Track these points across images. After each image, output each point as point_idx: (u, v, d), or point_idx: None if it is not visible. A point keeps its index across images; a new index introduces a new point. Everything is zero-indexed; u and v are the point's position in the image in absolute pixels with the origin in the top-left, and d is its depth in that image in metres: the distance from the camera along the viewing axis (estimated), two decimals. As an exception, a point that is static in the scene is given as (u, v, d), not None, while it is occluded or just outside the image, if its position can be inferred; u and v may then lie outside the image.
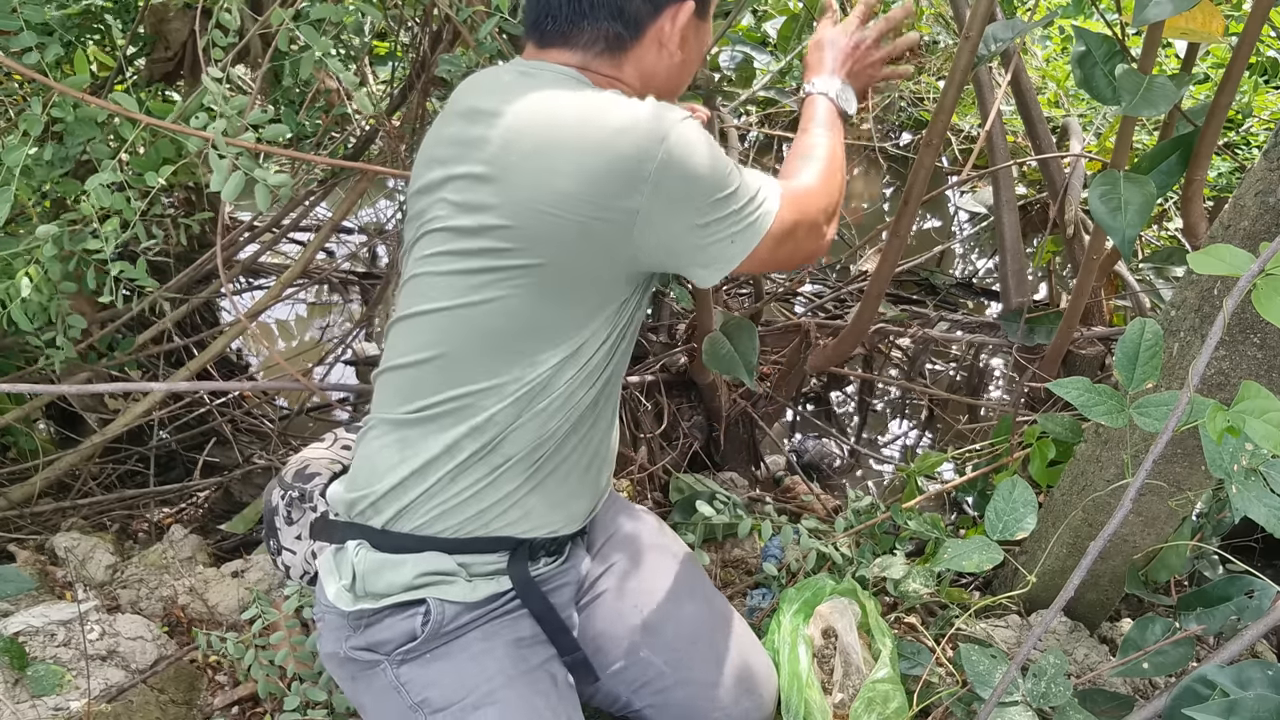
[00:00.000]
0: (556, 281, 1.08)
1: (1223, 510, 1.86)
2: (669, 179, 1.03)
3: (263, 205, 1.52)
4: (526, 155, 1.03)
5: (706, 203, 1.07)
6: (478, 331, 1.09)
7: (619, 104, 1.04)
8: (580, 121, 1.03)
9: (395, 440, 1.15)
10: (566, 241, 1.04)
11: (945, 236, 4.04)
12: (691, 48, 1.16)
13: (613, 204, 1.02)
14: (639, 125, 1.02)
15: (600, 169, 1.01)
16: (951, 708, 1.60)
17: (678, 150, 1.02)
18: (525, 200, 1.03)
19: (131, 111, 1.58)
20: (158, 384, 2.18)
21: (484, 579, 1.19)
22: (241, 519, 2.38)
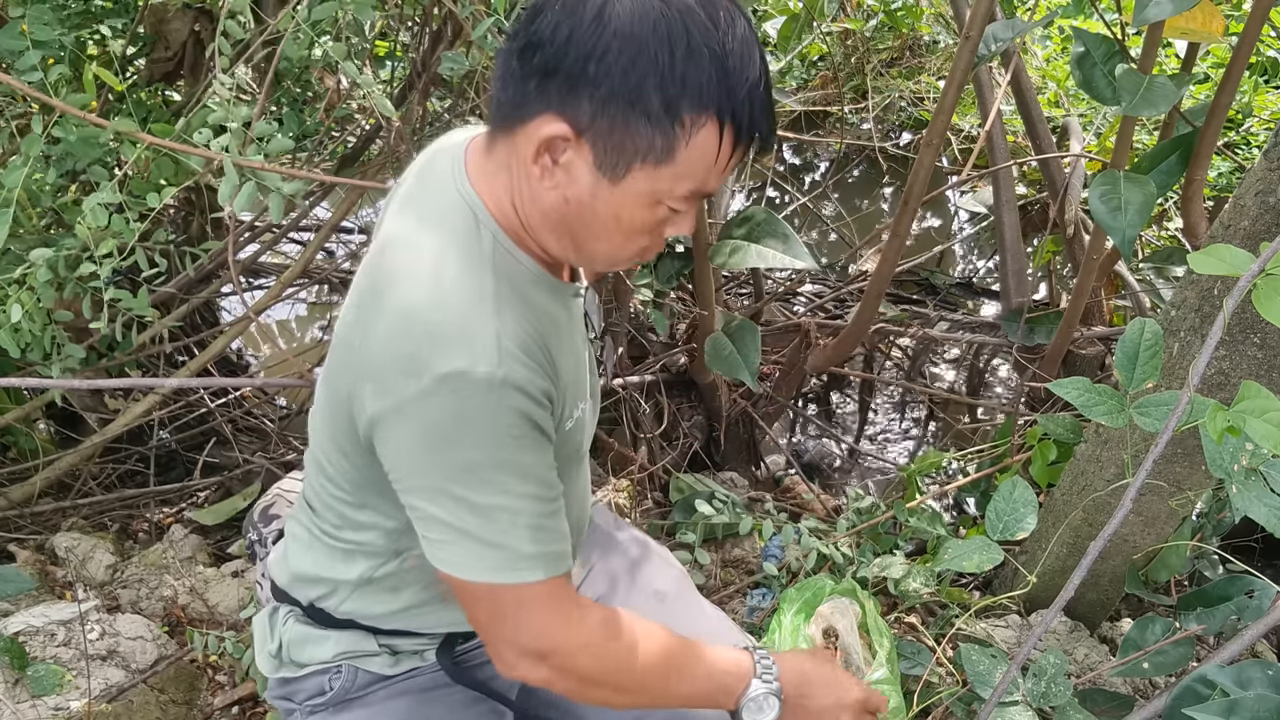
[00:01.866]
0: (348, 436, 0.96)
1: (1223, 510, 1.86)
2: (417, 417, 0.84)
3: (276, 216, 1.52)
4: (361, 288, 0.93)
5: (437, 478, 0.87)
6: (330, 455, 1.01)
7: (444, 296, 0.85)
8: (394, 285, 0.87)
9: (305, 533, 1.12)
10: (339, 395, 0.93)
11: (945, 236, 4.04)
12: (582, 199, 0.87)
13: (360, 388, 0.89)
14: (438, 342, 0.83)
15: (371, 347, 0.87)
16: (951, 707, 1.60)
17: (455, 401, 0.83)
18: (340, 329, 0.95)
19: (135, 131, 1.57)
20: (159, 380, 2.18)
21: (408, 655, 1.16)
22: (211, 511, 2.38)
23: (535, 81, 0.83)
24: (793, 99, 3.88)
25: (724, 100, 0.82)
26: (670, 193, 0.87)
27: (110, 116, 2.03)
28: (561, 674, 0.97)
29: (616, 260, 0.95)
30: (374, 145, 2.80)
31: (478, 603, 0.95)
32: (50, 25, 1.66)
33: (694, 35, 0.80)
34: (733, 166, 0.88)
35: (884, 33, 4.04)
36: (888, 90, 4.04)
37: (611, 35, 0.80)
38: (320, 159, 2.66)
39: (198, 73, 2.19)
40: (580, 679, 0.98)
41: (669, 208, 0.89)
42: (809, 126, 4.25)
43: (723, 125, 0.83)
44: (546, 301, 0.96)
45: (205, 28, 2.15)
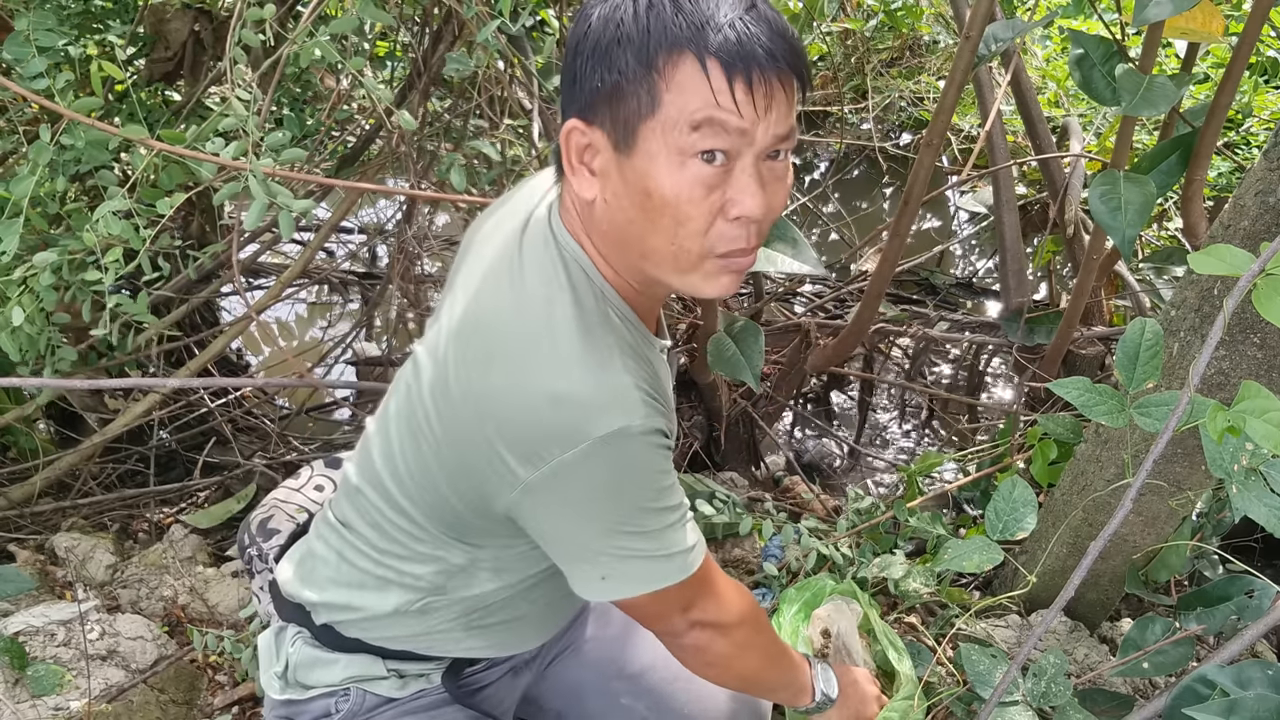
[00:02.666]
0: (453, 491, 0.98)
1: (1223, 510, 1.86)
2: (575, 477, 0.88)
3: (287, 234, 1.52)
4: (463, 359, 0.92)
5: (604, 523, 0.92)
6: (424, 501, 1.02)
7: (583, 371, 0.87)
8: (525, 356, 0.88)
9: (336, 553, 1.12)
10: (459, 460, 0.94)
11: (945, 236, 4.04)
12: (616, 190, 0.87)
13: (504, 460, 0.89)
14: (582, 407, 0.86)
15: (514, 420, 0.88)
16: (952, 707, 1.60)
17: (606, 456, 0.86)
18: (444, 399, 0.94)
19: (146, 139, 1.56)
20: (159, 380, 2.18)
21: (415, 678, 1.17)
22: (208, 514, 2.39)
23: (560, 106, 0.89)
24: (793, 99, 3.87)
25: (694, 33, 0.81)
26: (682, 141, 0.83)
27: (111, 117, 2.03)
28: (727, 640, 1.08)
29: (688, 252, 0.88)
30: (374, 145, 2.80)
31: (654, 605, 1.01)
32: (54, 31, 1.65)
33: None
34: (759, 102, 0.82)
35: (884, 33, 4.04)
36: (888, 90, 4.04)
37: (586, 22, 0.85)
38: (320, 159, 2.67)
39: (197, 73, 2.19)
40: (738, 645, 1.10)
41: (701, 160, 0.83)
42: (809, 126, 4.25)
43: (702, 58, 0.81)
44: (647, 352, 0.99)
45: (205, 28, 2.15)
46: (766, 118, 0.83)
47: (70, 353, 1.86)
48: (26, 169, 1.62)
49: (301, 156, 1.55)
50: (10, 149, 1.81)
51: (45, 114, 1.67)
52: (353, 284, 3.70)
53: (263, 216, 1.48)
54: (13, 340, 1.67)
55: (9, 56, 1.63)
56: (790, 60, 0.84)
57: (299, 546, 1.21)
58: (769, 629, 1.17)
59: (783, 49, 0.83)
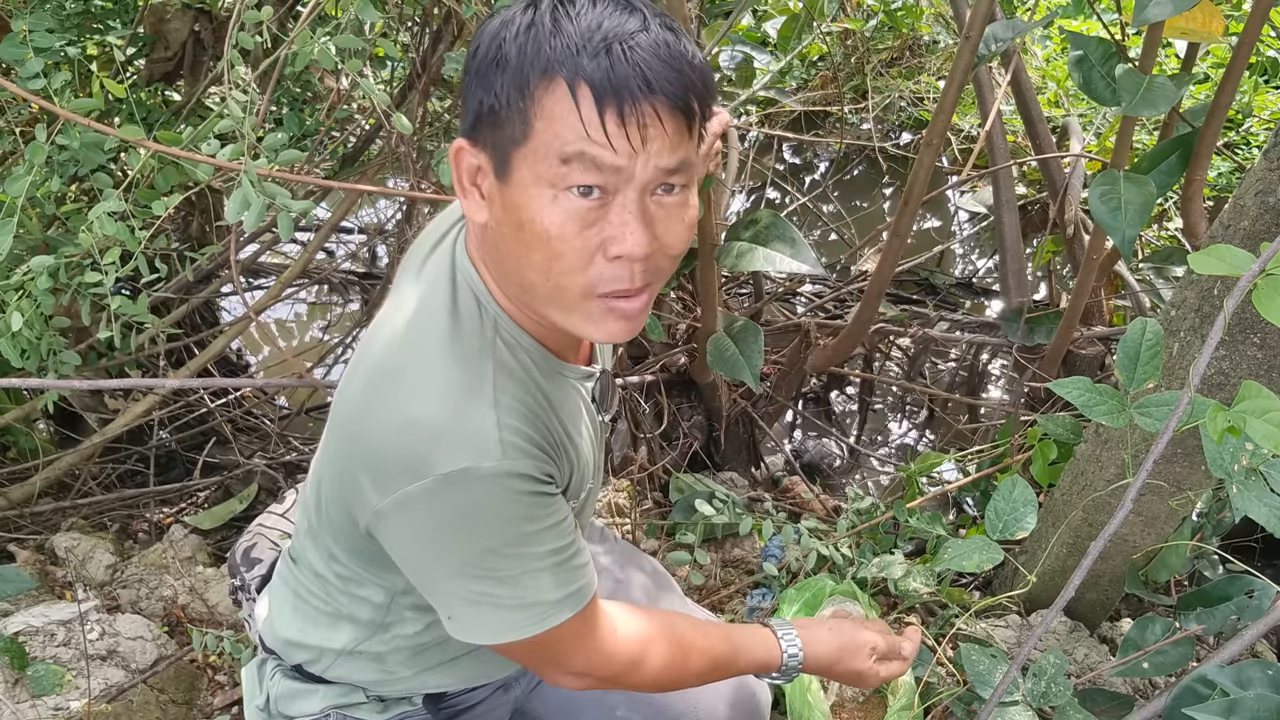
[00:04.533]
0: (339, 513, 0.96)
1: (1223, 510, 1.86)
2: (420, 510, 0.84)
3: (285, 234, 1.51)
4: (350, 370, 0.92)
5: (452, 563, 0.87)
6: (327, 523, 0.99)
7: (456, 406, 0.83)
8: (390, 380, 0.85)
9: (292, 595, 1.11)
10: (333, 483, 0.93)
11: (945, 236, 4.04)
12: (499, 217, 0.83)
13: (361, 484, 0.87)
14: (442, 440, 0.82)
15: (377, 442, 0.84)
16: (951, 707, 1.60)
17: (461, 495, 0.82)
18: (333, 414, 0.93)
19: (142, 140, 1.56)
20: (159, 380, 2.18)
21: (396, 701, 1.16)
22: (210, 515, 2.39)
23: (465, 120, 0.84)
24: (793, 99, 3.87)
25: (567, 57, 0.75)
26: (553, 173, 0.77)
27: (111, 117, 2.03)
28: (616, 684, 1.02)
29: (565, 290, 0.82)
30: (374, 145, 2.80)
31: (518, 654, 0.97)
32: (54, 31, 1.65)
33: (540, 9, 0.77)
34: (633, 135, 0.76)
35: (884, 33, 4.04)
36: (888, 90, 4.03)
37: (480, 40, 0.80)
38: (320, 159, 2.66)
39: (197, 73, 2.19)
40: (636, 684, 1.04)
41: (575, 194, 0.78)
42: (809, 126, 4.25)
43: (573, 85, 0.75)
44: (550, 386, 0.93)
45: (205, 27, 2.15)
46: (645, 150, 0.77)
47: (73, 357, 1.85)
48: (22, 169, 1.62)
49: (299, 158, 1.54)
50: (9, 149, 1.81)
51: (42, 114, 1.67)
52: (353, 284, 3.70)
53: (261, 218, 1.47)
54: (13, 345, 1.67)
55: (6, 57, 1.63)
56: (674, 88, 0.76)
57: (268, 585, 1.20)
58: (684, 645, 1.05)
59: (667, 76, 0.76)
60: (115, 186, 1.66)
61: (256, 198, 1.44)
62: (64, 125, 1.63)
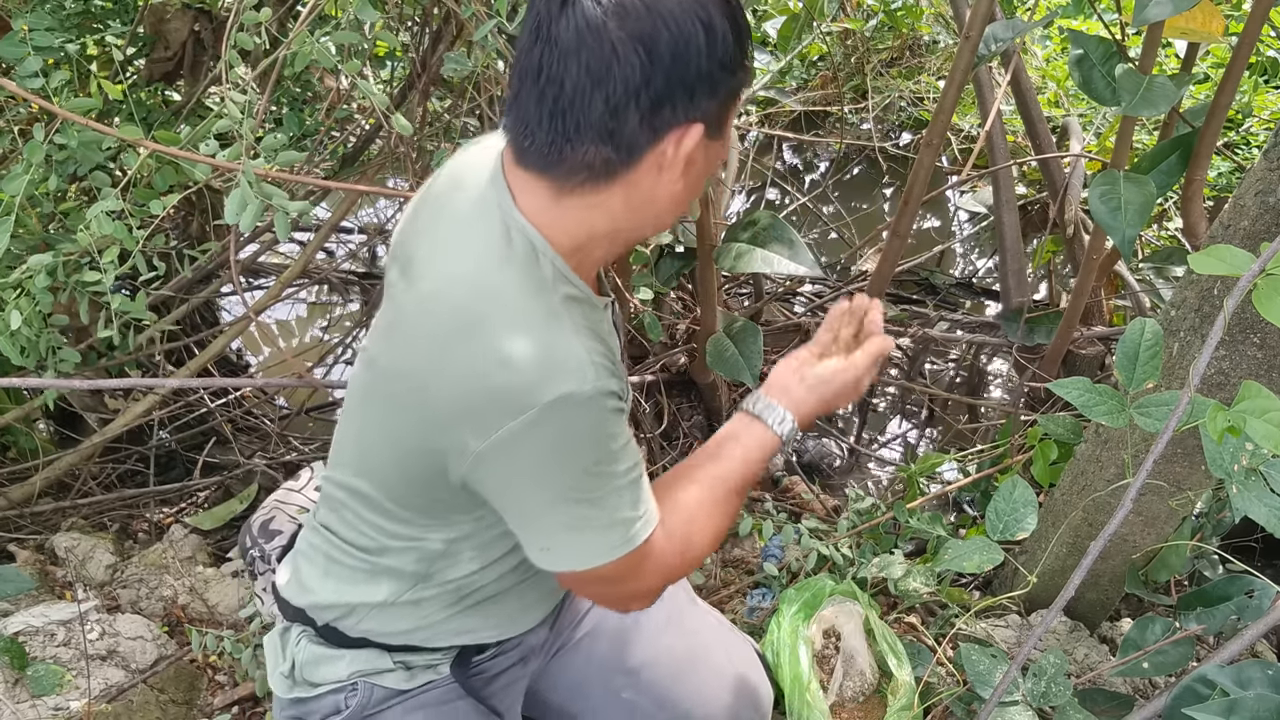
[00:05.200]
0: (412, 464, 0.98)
1: (1223, 510, 1.86)
2: (526, 444, 0.88)
3: (283, 235, 1.51)
4: (417, 331, 0.94)
5: (554, 495, 0.92)
6: (390, 485, 1.02)
7: (534, 338, 0.88)
8: (471, 327, 0.89)
9: (324, 554, 1.13)
10: (413, 432, 0.95)
11: (945, 236, 4.04)
12: (697, 171, 0.96)
13: (458, 431, 0.90)
14: (533, 373, 0.86)
15: (464, 389, 0.88)
16: (951, 707, 1.60)
17: (557, 422, 0.87)
18: (398, 369, 0.95)
19: (140, 140, 1.56)
20: (159, 380, 2.18)
21: (422, 669, 1.17)
22: (211, 515, 2.39)
23: (646, 120, 0.87)
24: (793, 99, 3.87)
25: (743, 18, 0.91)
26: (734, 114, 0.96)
27: (111, 116, 2.03)
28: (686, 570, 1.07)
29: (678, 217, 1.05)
30: (374, 145, 2.80)
31: (600, 581, 0.99)
32: (53, 30, 1.65)
33: None
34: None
35: (884, 33, 4.04)
36: (888, 90, 4.03)
37: (695, 21, 0.86)
38: (320, 159, 2.66)
39: (197, 73, 2.19)
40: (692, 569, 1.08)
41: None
42: (809, 126, 4.25)
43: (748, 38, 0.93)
44: (595, 318, 0.99)
45: (205, 27, 2.15)
46: None
47: (72, 354, 1.85)
48: (20, 168, 1.62)
49: (298, 159, 1.54)
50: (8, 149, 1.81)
51: (41, 113, 1.67)
52: (353, 284, 3.70)
53: (258, 219, 1.47)
54: (12, 343, 1.67)
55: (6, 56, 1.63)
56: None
57: (291, 553, 1.21)
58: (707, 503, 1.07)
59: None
60: (114, 186, 1.66)
61: (254, 198, 1.44)
62: (62, 124, 1.63)
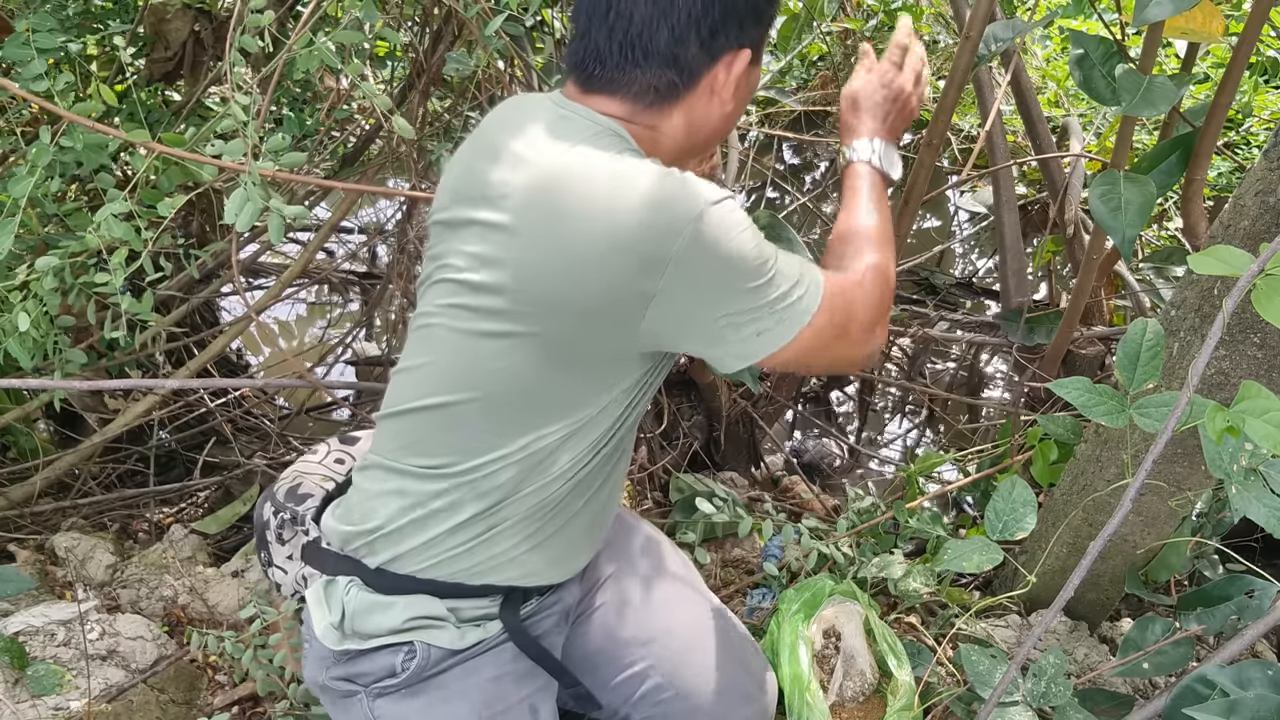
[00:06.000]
0: (563, 354, 1.04)
1: (1223, 510, 1.86)
2: (694, 262, 0.98)
3: (276, 238, 1.51)
4: (546, 216, 0.99)
5: (734, 292, 1.01)
6: (483, 396, 1.06)
7: (654, 175, 0.98)
8: (610, 190, 0.98)
9: (395, 488, 1.13)
10: (575, 314, 1.00)
11: (945, 236, 4.04)
12: (742, 94, 1.10)
13: (629, 282, 0.98)
14: (671, 201, 0.97)
15: (621, 243, 0.96)
16: (951, 707, 1.60)
17: (709, 231, 0.97)
18: (537, 263, 1.00)
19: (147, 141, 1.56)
20: (159, 380, 2.18)
21: (472, 625, 1.17)
22: (215, 519, 2.39)
23: (705, 46, 1.04)
24: (793, 99, 3.87)
25: None
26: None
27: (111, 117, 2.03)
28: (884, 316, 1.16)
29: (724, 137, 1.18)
30: (374, 145, 2.80)
31: (823, 335, 1.07)
32: (55, 31, 1.65)
33: None
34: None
35: (884, 33, 4.04)
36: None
37: None
38: (320, 159, 2.67)
39: (197, 73, 2.19)
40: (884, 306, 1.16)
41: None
42: (809, 126, 4.25)
43: None
44: None
45: (205, 27, 2.15)
46: None
47: (78, 355, 1.86)
48: (24, 169, 1.62)
49: (301, 160, 1.54)
50: (10, 149, 1.81)
51: (45, 115, 1.67)
52: (353, 284, 3.70)
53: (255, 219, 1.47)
54: (21, 345, 1.67)
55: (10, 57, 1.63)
56: None
57: (343, 500, 1.21)
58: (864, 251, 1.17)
59: None
60: (118, 187, 1.66)
61: (257, 198, 1.44)
62: (67, 126, 1.63)
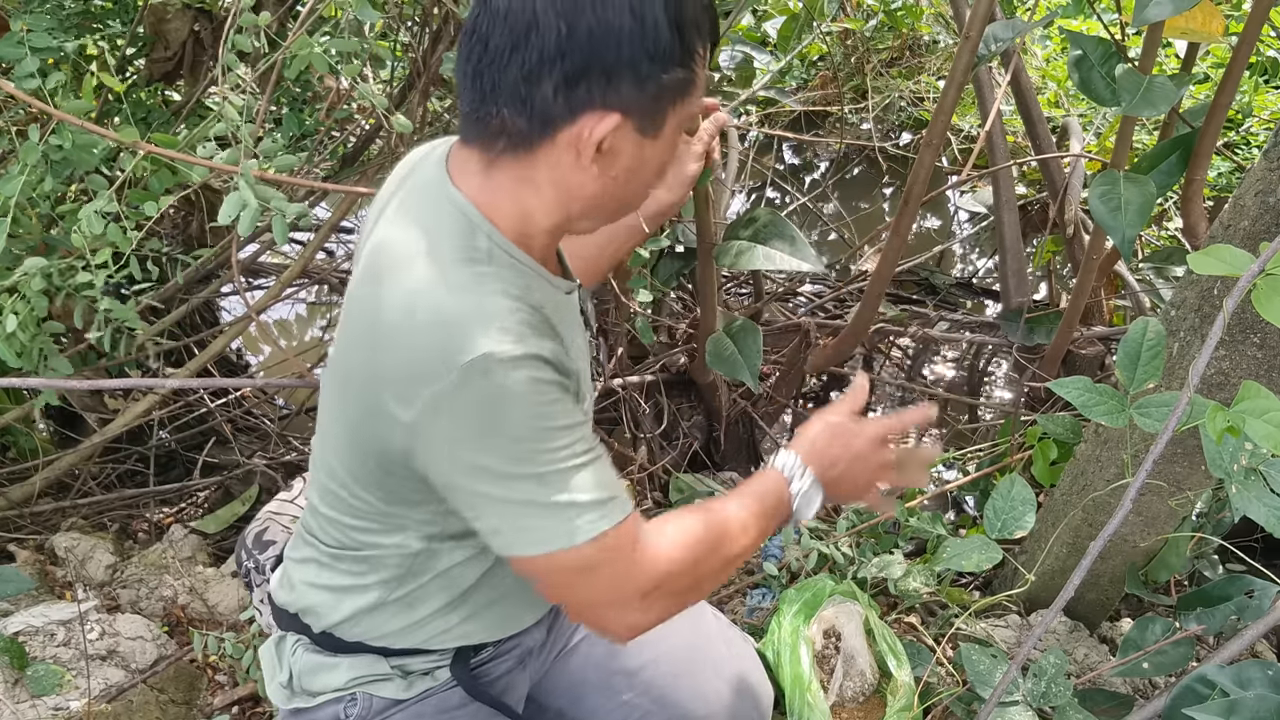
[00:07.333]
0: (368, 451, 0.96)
1: (1223, 510, 1.86)
2: (449, 409, 0.85)
3: (281, 239, 1.51)
4: (350, 310, 0.94)
5: (489, 460, 0.87)
6: (356, 482, 1.01)
7: (449, 292, 0.86)
8: (399, 296, 0.87)
9: (314, 565, 1.12)
10: (362, 421, 0.93)
11: (945, 236, 4.04)
12: (629, 168, 0.92)
13: (387, 401, 0.88)
14: (442, 331, 0.84)
15: (386, 360, 0.87)
16: (951, 707, 1.60)
17: (474, 381, 0.83)
18: (342, 362, 0.95)
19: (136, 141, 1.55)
20: (159, 380, 2.18)
21: (420, 676, 1.16)
22: (214, 518, 2.39)
23: (562, 94, 0.86)
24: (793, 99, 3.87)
25: (707, 15, 0.90)
26: (689, 118, 0.94)
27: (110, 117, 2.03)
28: (668, 603, 0.98)
29: (645, 199, 1.02)
30: (374, 145, 2.80)
31: (564, 576, 0.93)
32: (53, 30, 1.65)
33: None
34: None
35: (884, 33, 4.04)
36: (888, 90, 4.03)
37: (626, 12, 0.83)
38: (320, 159, 2.67)
39: (197, 72, 2.19)
40: (683, 598, 1.00)
41: (686, 130, 1.00)
42: (809, 126, 4.25)
43: (704, 39, 0.91)
44: (548, 293, 0.97)
45: (205, 27, 2.15)
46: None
47: (63, 362, 1.84)
48: (16, 169, 1.61)
49: (293, 164, 1.54)
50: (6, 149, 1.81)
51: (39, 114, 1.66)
52: (353, 284, 3.70)
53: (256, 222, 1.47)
54: (8, 346, 1.66)
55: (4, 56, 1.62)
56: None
57: (283, 562, 1.20)
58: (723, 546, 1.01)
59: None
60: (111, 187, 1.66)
61: (253, 200, 1.44)
62: (57, 126, 1.63)
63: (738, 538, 1.03)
